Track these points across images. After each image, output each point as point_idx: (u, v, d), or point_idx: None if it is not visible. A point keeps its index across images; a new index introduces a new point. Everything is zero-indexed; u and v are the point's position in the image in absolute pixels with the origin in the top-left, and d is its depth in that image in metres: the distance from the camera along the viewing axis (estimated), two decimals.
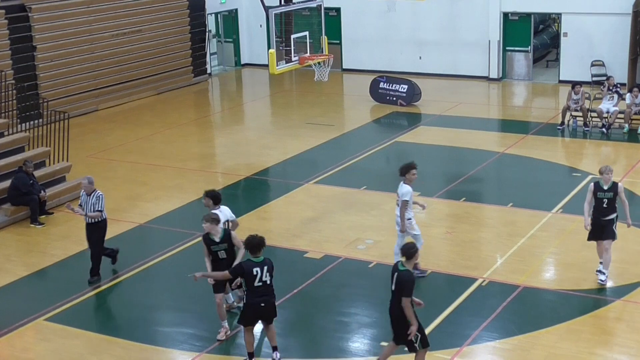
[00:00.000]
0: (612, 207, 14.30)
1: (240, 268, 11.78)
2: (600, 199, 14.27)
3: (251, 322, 12.06)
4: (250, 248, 11.79)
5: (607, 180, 14.24)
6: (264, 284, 11.71)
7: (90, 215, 15.24)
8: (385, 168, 22.41)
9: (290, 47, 22.84)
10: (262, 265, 11.70)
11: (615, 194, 14.25)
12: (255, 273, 11.62)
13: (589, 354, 12.30)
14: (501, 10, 31.47)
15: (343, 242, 16.73)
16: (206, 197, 14.03)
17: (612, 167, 14.50)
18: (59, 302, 14.38)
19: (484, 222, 18.09)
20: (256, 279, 11.64)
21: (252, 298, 11.76)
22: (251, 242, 11.81)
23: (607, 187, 14.25)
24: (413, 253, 11.13)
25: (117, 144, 24.66)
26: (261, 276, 11.65)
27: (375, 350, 12.67)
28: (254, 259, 11.74)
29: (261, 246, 11.82)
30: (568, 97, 24.71)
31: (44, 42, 27.13)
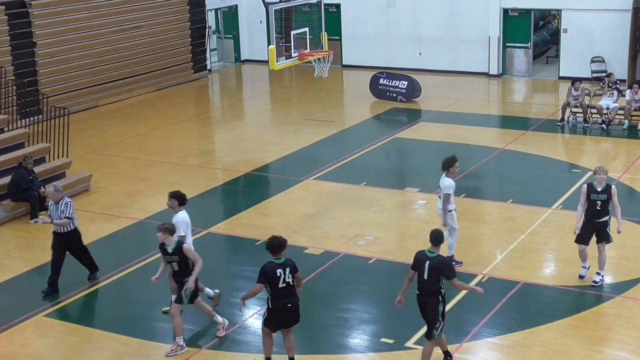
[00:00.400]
0: (606, 209, 14.00)
1: (263, 272, 11.46)
2: (593, 201, 13.94)
3: (277, 326, 11.73)
4: (271, 249, 11.57)
5: (601, 182, 13.93)
6: (288, 285, 11.50)
7: (58, 222, 14.52)
8: (385, 164, 22.44)
9: (290, 43, 22.87)
10: (284, 267, 11.49)
11: (609, 196, 13.92)
12: (279, 274, 11.43)
13: (589, 350, 12.31)
14: (501, 7, 31.46)
15: (343, 238, 16.73)
16: (171, 198, 13.65)
17: (606, 168, 14.21)
18: (58, 298, 14.39)
19: (483, 218, 18.10)
20: (280, 280, 11.43)
21: (278, 300, 11.51)
22: (272, 244, 11.60)
23: (600, 189, 13.94)
24: (440, 240, 11.64)
25: (117, 140, 24.66)
26: (284, 277, 11.45)
27: (374, 346, 12.69)
28: (276, 260, 11.53)
29: (282, 248, 11.59)
30: (568, 94, 24.70)
31: (44, 38, 27.12)
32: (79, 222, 15.12)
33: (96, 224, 18.08)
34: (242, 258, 16.30)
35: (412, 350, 12.43)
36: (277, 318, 11.62)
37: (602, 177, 13.95)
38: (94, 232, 17.53)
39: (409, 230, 17.36)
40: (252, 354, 12.49)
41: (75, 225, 14.74)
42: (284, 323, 11.69)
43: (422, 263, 11.60)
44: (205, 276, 15.38)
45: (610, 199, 13.95)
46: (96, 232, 17.52)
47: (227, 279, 15.40)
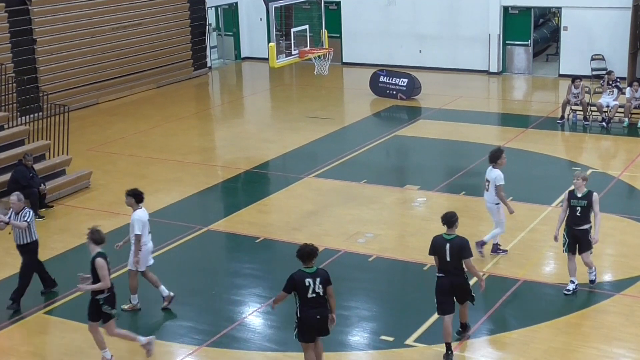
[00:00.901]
0: (586, 216, 13.65)
1: (291, 280, 10.95)
2: (573, 207, 13.66)
3: (310, 337, 11.16)
4: (301, 257, 11.01)
5: (579, 187, 13.66)
6: (318, 296, 10.90)
7: (16, 223, 14.00)
8: (385, 162, 22.44)
9: (291, 40, 22.85)
10: (315, 276, 10.90)
11: (589, 203, 13.58)
12: (308, 284, 10.86)
13: (588, 348, 12.32)
14: (501, 4, 31.44)
15: (343, 236, 16.74)
16: (128, 196, 13.65)
17: (585, 174, 13.94)
18: (58, 296, 14.39)
19: (483, 215, 18.06)
20: (309, 290, 10.85)
21: (306, 311, 10.96)
22: (302, 251, 11.04)
23: (580, 195, 13.63)
24: (454, 221, 12.13)
25: (117, 137, 24.67)
26: (314, 287, 10.86)
27: (374, 344, 12.69)
28: (306, 269, 10.96)
29: (312, 256, 10.98)
30: (568, 91, 24.69)
31: (44, 36, 27.12)
32: (79, 219, 15.09)
33: (96, 221, 18.00)
34: (242, 255, 16.30)
35: (412, 348, 12.44)
36: (307, 329, 11.08)
37: (578, 183, 13.66)
38: None
39: (409, 227, 17.37)
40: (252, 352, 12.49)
41: (35, 237, 14.32)
42: (316, 333, 11.19)
43: (442, 246, 12.05)
44: (206, 274, 15.43)
45: (591, 206, 13.60)
46: None
47: (227, 277, 15.41)
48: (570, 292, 13.92)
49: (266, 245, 16.58)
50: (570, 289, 13.95)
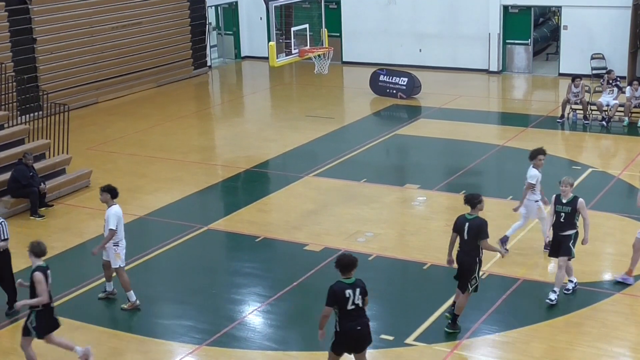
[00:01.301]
0: (570, 222, 13.42)
1: (332, 293, 10.51)
2: (558, 213, 13.49)
3: (344, 349, 10.82)
4: (341, 268, 10.58)
5: (565, 193, 13.44)
6: (357, 307, 10.54)
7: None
8: (385, 161, 22.44)
9: (291, 39, 22.87)
10: (354, 287, 10.51)
11: (574, 209, 13.36)
12: (348, 295, 10.47)
13: (588, 347, 12.32)
14: (501, 3, 31.43)
15: (343, 235, 16.74)
16: (103, 192, 13.74)
17: (572, 180, 13.64)
18: (58, 295, 14.35)
19: (483, 214, 17.99)
20: (349, 302, 10.48)
21: (346, 323, 10.54)
22: (341, 262, 10.60)
23: (565, 201, 13.42)
24: (476, 203, 12.60)
25: (117, 136, 24.66)
26: (354, 299, 10.49)
27: (374, 343, 12.62)
28: (345, 280, 10.54)
29: (352, 266, 10.55)
30: (568, 90, 24.70)
31: (44, 35, 27.11)
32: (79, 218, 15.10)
33: (96, 220, 18.05)
34: (242, 255, 16.29)
35: (411, 347, 12.44)
36: (346, 342, 10.70)
37: (564, 189, 13.45)
38: (94, 228, 17.52)
39: (409, 226, 17.37)
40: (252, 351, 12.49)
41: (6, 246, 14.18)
42: (355, 347, 10.77)
43: (462, 225, 12.51)
44: (205, 273, 15.43)
45: (576, 212, 13.38)
46: (96, 229, 17.49)
47: (227, 276, 15.41)
48: (570, 291, 13.91)
49: (266, 245, 16.58)
50: (569, 287, 13.94)
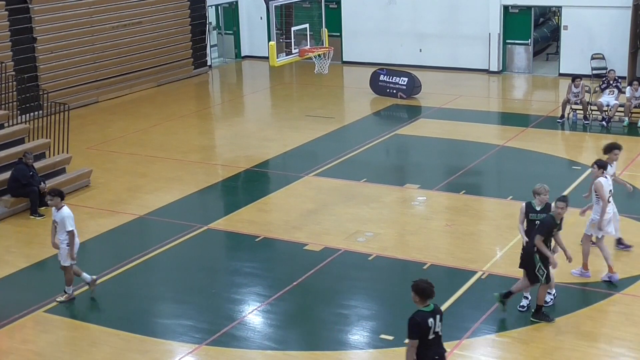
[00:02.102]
0: None
1: (416, 324, 9.61)
2: (532, 221, 13.13)
3: None
4: (421, 295, 9.73)
5: (541, 201, 13.15)
6: (437, 336, 9.79)
7: None
8: (385, 161, 22.44)
9: (291, 39, 22.85)
10: (435, 314, 9.72)
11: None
12: (430, 325, 9.65)
13: (588, 347, 12.32)
14: (501, 3, 31.43)
15: (343, 235, 16.73)
16: (54, 197, 14.18)
17: (547, 186, 13.25)
18: (58, 294, 14.38)
19: (483, 214, 18.10)
20: (430, 331, 9.67)
21: (425, 353, 9.70)
22: (418, 288, 9.76)
23: (539, 208, 13.15)
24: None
25: (117, 136, 24.66)
26: (434, 327, 9.70)
27: (374, 342, 12.70)
28: (425, 308, 9.70)
29: (430, 293, 9.71)
30: (568, 90, 24.70)
31: (44, 34, 27.11)
32: (78, 217, 15.12)
33: (96, 219, 18.10)
34: (242, 254, 16.30)
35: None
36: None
37: (542, 198, 13.14)
38: (94, 227, 17.56)
39: (409, 226, 17.36)
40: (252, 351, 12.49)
41: None
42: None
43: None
44: (205, 273, 15.44)
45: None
46: (96, 228, 17.55)
47: (227, 276, 15.41)
48: (525, 308, 13.39)
49: (266, 244, 16.58)
50: (524, 304, 13.43)
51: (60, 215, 14.02)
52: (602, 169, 14.41)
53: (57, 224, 14.10)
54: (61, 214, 14.01)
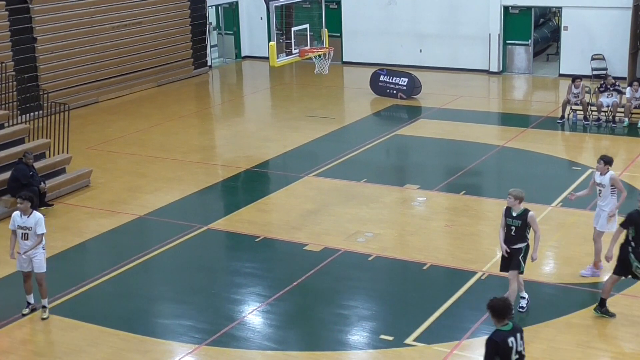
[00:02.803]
0: (521, 236, 12.98)
1: (494, 344, 9.07)
2: (508, 226, 13.06)
3: None
4: (497, 314, 9.16)
5: (513, 206, 13.05)
6: (520, 356, 9.24)
7: None
8: (385, 161, 22.44)
9: (291, 39, 22.83)
10: (515, 333, 9.17)
11: (524, 222, 12.91)
12: (511, 345, 9.11)
13: (588, 348, 12.32)
14: (502, 4, 31.44)
15: (343, 235, 16.74)
16: (25, 200, 13.57)
17: (522, 191, 13.12)
18: (58, 294, 14.39)
19: (483, 215, 18.10)
20: (512, 352, 9.14)
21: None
22: (494, 307, 9.16)
23: (515, 214, 13.01)
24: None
25: (118, 136, 24.67)
26: (516, 347, 9.17)
27: (374, 343, 12.70)
28: (503, 327, 9.14)
29: (508, 311, 9.17)
30: (568, 91, 24.70)
31: (45, 34, 27.11)
32: (78, 217, 15.11)
33: (96, 219, 18.10)
34: (242, 254, 16.30)
35: (411, 347, 12.44)
36: None
37: (511, 202, 13.05)
38: (94, 227, 17.56)
39: (409, 227, 17.36)
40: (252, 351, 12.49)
41: None
42: None
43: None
44: (205, 273, 15.44)
45: (527, 225, 12.93)
46: (96, 228, 17.55)
47: (227, 276, 15.41)
48: (525, 309, 13.43)
49: (266, 244, 16.58)
50: (523, 305, 13.46)
51: (33, 219, 13.49)
52: (608, 164, 14.45)
53: (29, 230, 13.48)
54: (34, 218, 13.50)
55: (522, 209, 13.05)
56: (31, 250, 13.52)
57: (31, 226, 13.48)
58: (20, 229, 13.55)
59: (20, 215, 13.56)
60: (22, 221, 13.53)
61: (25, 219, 13.51)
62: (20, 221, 13.55)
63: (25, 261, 13.62)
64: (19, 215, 13.57)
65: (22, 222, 13.53)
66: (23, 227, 13.53)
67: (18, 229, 13.57)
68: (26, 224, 13.50)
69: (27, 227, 13.51)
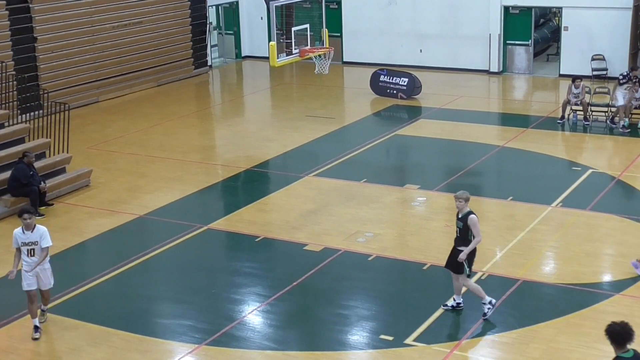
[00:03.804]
0: (463, 238, 12.98)
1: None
2: (457, 227, 13.17)
3: None
4: (617, 340, 8.56)
5: (460, 208, 13.06)
6: None
7: None
8: (386, 161, 22.43)
9: (291, 39, 22.82)
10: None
11: (465, 225, 12.93)
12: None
13: (588, 348, 12.32)
14: (502, 4, 31.44)
15: (343, 235, 16.73)
16: (33, 215, 13.01)
17: (465, 194, 13.12)
18: (58, 294, 14.38)
19: (483, 215, 18.05)
20: None
21: None
22: (613, 332, 8.58)
23: (460, 216, 13.06)
24: None
25: (118, 136, 24.67)
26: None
27: (374, 343, 12.69)
28: (624, 354, 8.53)
29: (629, 337, 8.52)
30: (568, 91, 24.69)
31: (45, 33, 27.11)
32: (78, 217, 15.10)
33: (96, 219, 18.10)
34: (242, 254, 16.30)
35: (411, 347, 12.44)
36: None
37: (457, 204, 13.11)
38: (94, 227, 17.56)
39: (409, 227, 17.36)
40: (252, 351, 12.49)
41: None
42: None
43: None
44: (205, 273, 15.44)
45: (468, 229, 12.91)
46: (96, 228, 17.55)
47: (227, 276, 15.40)
48: (448, 307, 13.45)
49: (266, 244, 16.58)
50: (448, 304, 13.49)
51: (37, 234, 12.88)
52: None
53: (35, 245, 12.87)
54: (38, 232, 12.88)
55: (466, 212, 13.02)
56: (39, 266, 12.98)
57: (37, 240, 12.85)
58: (25, 246, 12.89)
59: (22, 232, 12.90)
60: (26, 237, 12.88)
61: (29, 234, 12.86)
62: (24, 237, 12.90)
63: (33, 278, 13.01)
64: (20, 232, 12.92)
65: (26, 239, 12.89)
66: (28, 243, 12.88)
67: (23, 245, 12.90)
68: (31, 239, 12.85)
69: (32, 242, 12.86)
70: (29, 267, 12.97)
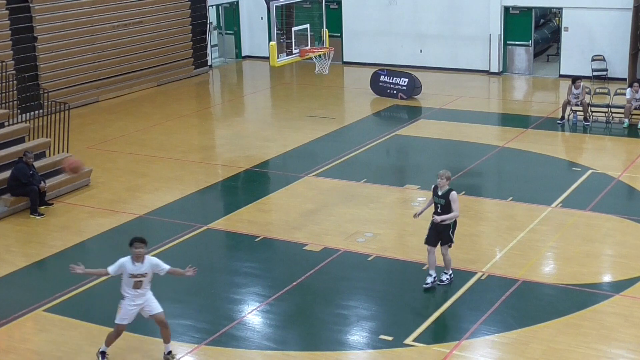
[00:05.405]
0: (446, 213, 13.87)
1: None
2: (435, 204, 14.05)
3: None
4: None
5: (441, 186, 13.89)
6: None
7: None
8: (386, 161, 22.44)
9: (291, 39, 22.83)
10: None
11: (447, 202, 13.80)
12: None
13: (588, 348, 12.32)
14: (502, 4, 31.44)
15: (342, 235, 16.73)
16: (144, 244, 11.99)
17: (447, 173, 13.98)
18: (58, 293, 14.40)
19: (483, 215, 18.10)
20: None
21: None
22: None
23: (441, 193, 13.92)
24: None
25: (118, 135, 24.66)
26: None
27: (373, 343, 12.69)
28: None
29: None
30: (568, 92, 24.69)
31: (45, 33, 27.11)
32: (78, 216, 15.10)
33: (96, 219, 18.10)
34: (242, 254, 16.30)
35: (411, 348, 12.44)
36: None
37: (440, 182, 13.91)
38: (94, 227, 17.55)
39: (409, 227, 17.35)
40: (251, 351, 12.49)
41: None
42: None
43: None
44: (205, 272, 15.43)
45: (449, 204, 13.80)
46: (96, 227, 17.54)
47: (226, 275, 15.41)
48: (429, 285, 14.19)
49: (266, 244, 16.58)
50: (428, 282, 14.23)
51: (148, 264, 11.97)
52: None
53: (144, 277, 11.97)
54: (149, 262, 11.99)
55: (447, 189, 13.90)
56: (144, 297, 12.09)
57: (146, 272, 11.93)
58: (133, 278, 11.89)
59: (132, 263, 11.89)
60: (136, 269, 11.88)
61: (139, 265, 11.89)
62: (133, 269, 11.88)
63: (134, 313, 12.18)
64: (130, 263, 11.90)
65: (135, 270, 11.87)
66: (137, 275, 11.88)
67: (130, 277, 11.89)
68: (140, 271, 11.89)
69: (141, 274, 11.91)
70: (134, 301, 12.08)
